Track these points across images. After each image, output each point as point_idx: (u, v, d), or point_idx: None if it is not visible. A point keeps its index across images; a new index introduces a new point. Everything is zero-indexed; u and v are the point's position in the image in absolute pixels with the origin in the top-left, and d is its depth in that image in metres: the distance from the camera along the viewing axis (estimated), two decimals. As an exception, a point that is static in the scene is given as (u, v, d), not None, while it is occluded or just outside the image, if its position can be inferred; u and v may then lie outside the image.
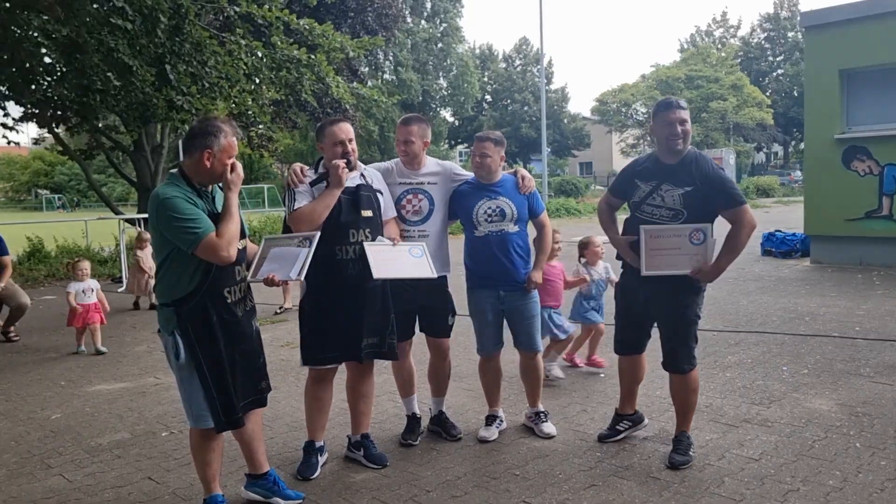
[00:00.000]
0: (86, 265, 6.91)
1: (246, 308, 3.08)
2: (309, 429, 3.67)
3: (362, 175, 3.60)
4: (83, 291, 6.80)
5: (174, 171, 2.98)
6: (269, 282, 3.04)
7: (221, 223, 2.84)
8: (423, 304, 3.86)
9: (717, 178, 3.45)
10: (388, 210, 3.68)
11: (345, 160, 3.44)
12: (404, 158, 3.87)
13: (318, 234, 3.20)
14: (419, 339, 4.05)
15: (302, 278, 3.05)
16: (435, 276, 3.53)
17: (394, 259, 3.45)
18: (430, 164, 3.95)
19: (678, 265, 3.42)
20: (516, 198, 3.86)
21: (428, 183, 3.88)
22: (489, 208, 3.82)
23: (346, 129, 3.50)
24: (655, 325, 3.72)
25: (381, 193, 3.64)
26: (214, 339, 2.90)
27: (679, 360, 3.57)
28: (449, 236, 4.06)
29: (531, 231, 4.01)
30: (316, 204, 3.38)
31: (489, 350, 4.03)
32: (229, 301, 2.95)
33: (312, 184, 3.46)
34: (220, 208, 2.96)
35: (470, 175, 3.98)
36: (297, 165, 3.56)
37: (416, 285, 3.63)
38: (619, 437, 3.86)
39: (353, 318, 3.47)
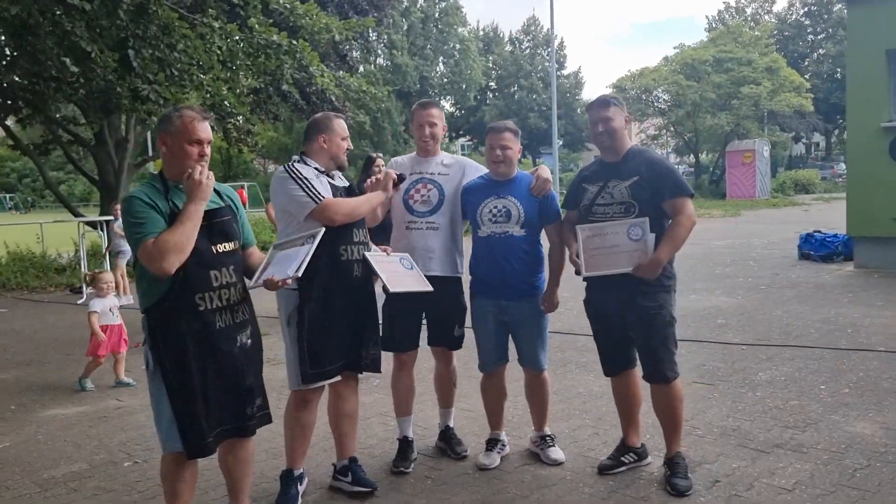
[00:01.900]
0: (109, 277, 6.37)
1: (234, 320, 3.05)
2: (289, 456, 3.69)
3: (341, 177, 3.75)
4: (111, 310, 6.18)
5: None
6: (270, 284, 3.09)
7: (165, 231, 2.82)
8: (431, 308, 3.93)
9: (664, 166, 3.72)
10: None
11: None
12: (426, 143, 4.03)
13: (322, 230, 3.28)
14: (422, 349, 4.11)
15: (300, 275, 3.10)
16: (431, 289, 3.66)
17: (395, 271, 3.60)
18: (443, 155, 4.13)
19: (618, 264, 3.55)
20: (527, 199, 3.89)
21: (439, 174, 4.03)
22: (495, 207, 3.88)
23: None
24: None
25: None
26: (183, 352, 2.90)
27: (662, 368, 3.64)
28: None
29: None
30: (361, 201, 3.57)
31: (491, 366, 4.06)
32: (202, 309, 2.93)
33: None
34: (206, 206, 2.95)
35: (485, 171, 4.08)
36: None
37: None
38: (621, 470, 3.87)
39: (356, 323, 3.57)
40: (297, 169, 3.50)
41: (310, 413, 3.64)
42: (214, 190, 3.10)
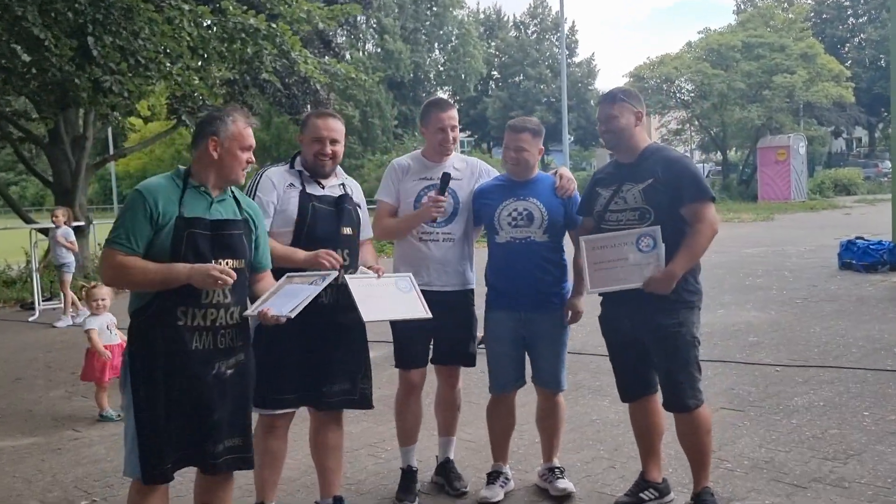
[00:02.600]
0: (104, 292, 6.17)
1: (216, 345, 3.04)
2: (258, 489, 3.70)
3: (342, 185, 3.73)
4: (108, 328, 6.09)
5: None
6: (264, 316, 3.12)
7: (138, 259, 2.91)
8: (444, 324, 3.92)
9: (682, 165, 3.72)
10: (366, 229, 3.82)
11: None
12: (447, 148, 4.07)
13: (335, 273, 3.35)
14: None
15: (293, 315, 3.12)
16: (430, 315, 3.61)
17: (381, 296, 3.54)
18: (454, 158, 4.17)
19: (628, 278, 3.56)
20: (551, 201, 3.93)
21: (452, 179, 4.04)
22: (515, 210, 3.92)
23: (333, 127, 3.63)
24: None
25: (361, 208, 3.80)
26: (153, 366, 2.94)
27: (682, 395, 3.63)
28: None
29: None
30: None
31: (505, 387, 4.08)
32: (181, 324, 2.96)
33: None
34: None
35: (497, 174, 4.16)
36: None
37: (431, 301, 3.70)
38: None
39: (320, 355, 3.52)
40: (260, 175, 3.59)
41: (277, 439, 3.64)
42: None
